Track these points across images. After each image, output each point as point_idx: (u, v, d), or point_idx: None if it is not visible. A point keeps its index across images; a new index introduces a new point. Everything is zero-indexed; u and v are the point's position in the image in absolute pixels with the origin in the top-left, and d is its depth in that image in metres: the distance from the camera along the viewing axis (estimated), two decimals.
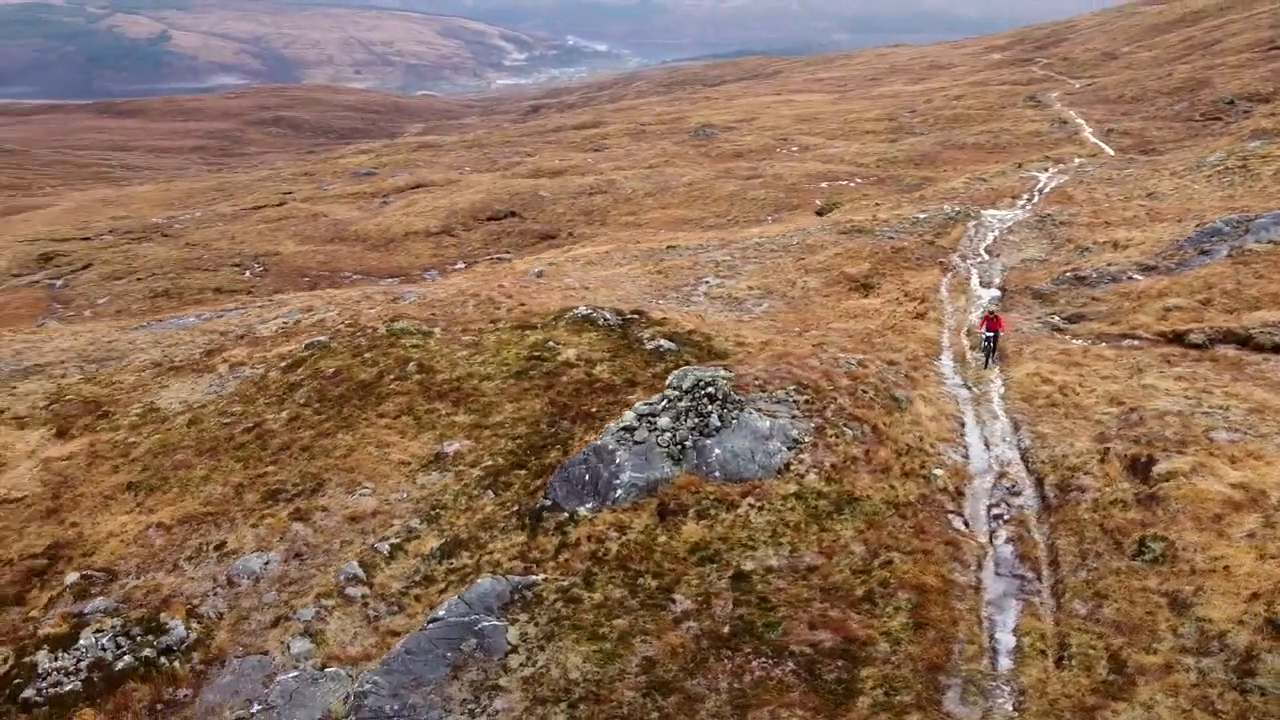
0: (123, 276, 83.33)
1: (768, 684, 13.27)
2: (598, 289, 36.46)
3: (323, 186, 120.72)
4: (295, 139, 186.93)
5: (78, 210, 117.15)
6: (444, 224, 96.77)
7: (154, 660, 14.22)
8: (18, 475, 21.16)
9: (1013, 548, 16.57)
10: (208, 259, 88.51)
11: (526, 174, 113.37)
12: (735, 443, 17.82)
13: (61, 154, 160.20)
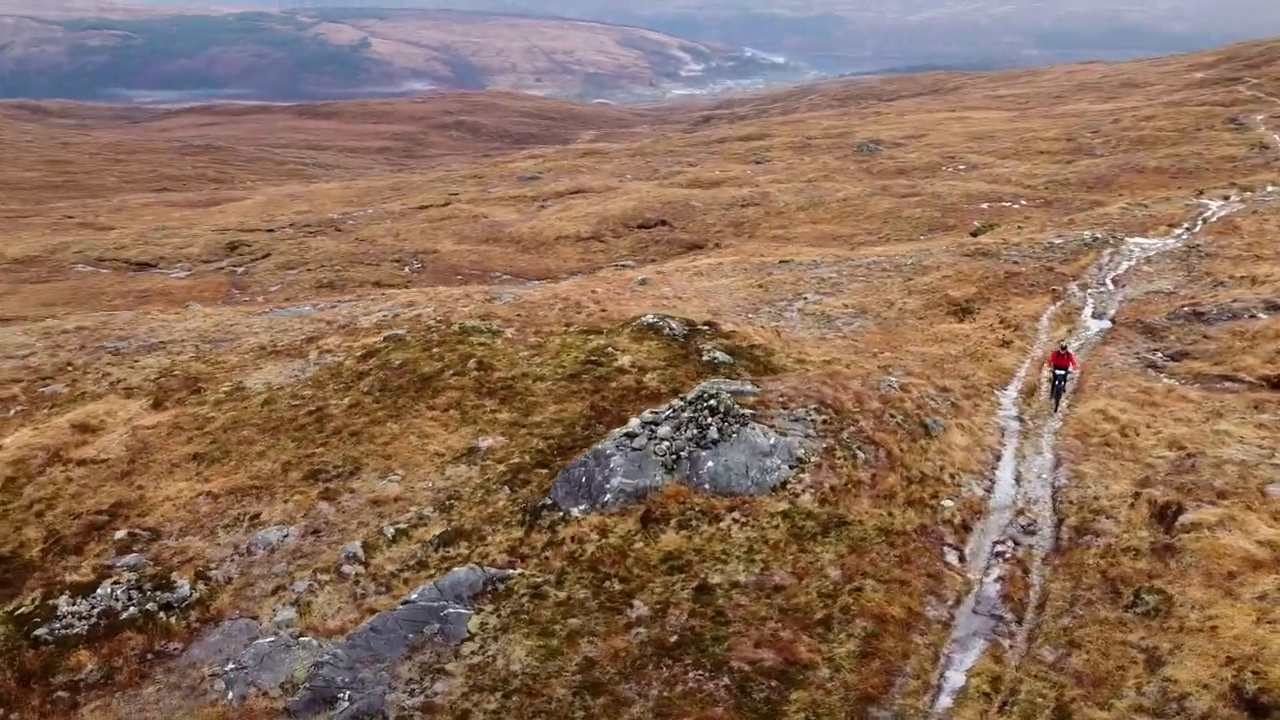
0: (295, 267, 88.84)
1: (696, 696, 13.38)
2: (690, 299, 36.78)
3: (487, 189, 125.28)
4: (473, 142, 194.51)
5: (268, 204, 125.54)
6: (594, 230, 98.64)
7: (154, 614, 15.58)
8: (110, 440, 23.31)
9: (1000, 587, 16.01)
10: (372, 254, 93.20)
11: (684, 184, 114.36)
12: (731, 457, 17.89)
13: (263, 151, 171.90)
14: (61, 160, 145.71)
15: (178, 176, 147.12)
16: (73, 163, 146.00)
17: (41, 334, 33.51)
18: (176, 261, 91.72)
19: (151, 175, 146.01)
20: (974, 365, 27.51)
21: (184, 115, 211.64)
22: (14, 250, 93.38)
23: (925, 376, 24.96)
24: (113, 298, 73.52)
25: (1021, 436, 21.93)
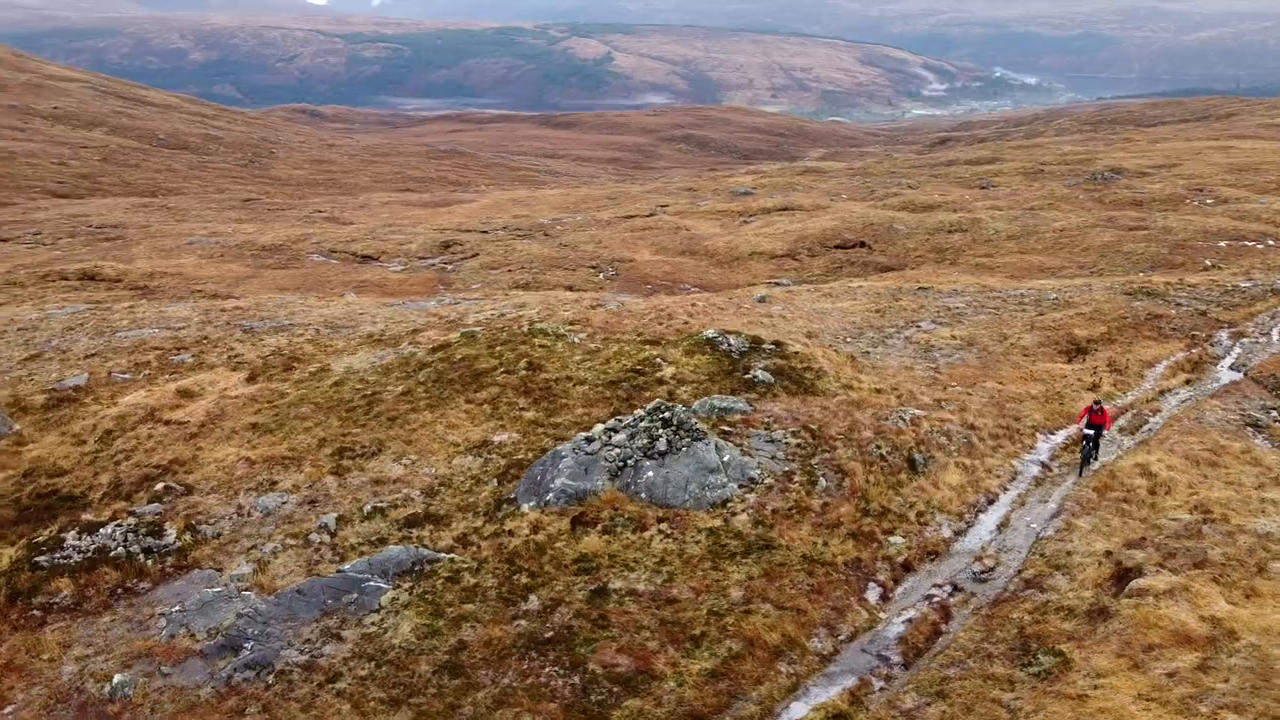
0: (498, 267, 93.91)
1: (539, 690, 13.95)
2: (794, 319, 36.59)
3: (697, 202, 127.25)
4: (700, 156, 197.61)
5: (491, 207, 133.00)
6: (790, 248, 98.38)
7: (135, 555, 17.74)
8: (198, 405, 26.27)
9: (904, 629, 15.52)
10: (571, 259, 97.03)
11: (895, 206, 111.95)
12: (674, 470, 18.17)
13: (501, 158, 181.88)
14: (325, 160, 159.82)
15: (421, 178, 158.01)
16: (334, 163, 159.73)
17: (202, 311, 37.77)
18: (395, 256, 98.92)
19: (398, 176, 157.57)
20: (1039, 407, 26.15)
21: (437, 122, 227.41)
22: (265, 239, 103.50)
23: (963, 413, 24.04)
24: (335, 285, 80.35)
25: (1035, 484, 20.83)
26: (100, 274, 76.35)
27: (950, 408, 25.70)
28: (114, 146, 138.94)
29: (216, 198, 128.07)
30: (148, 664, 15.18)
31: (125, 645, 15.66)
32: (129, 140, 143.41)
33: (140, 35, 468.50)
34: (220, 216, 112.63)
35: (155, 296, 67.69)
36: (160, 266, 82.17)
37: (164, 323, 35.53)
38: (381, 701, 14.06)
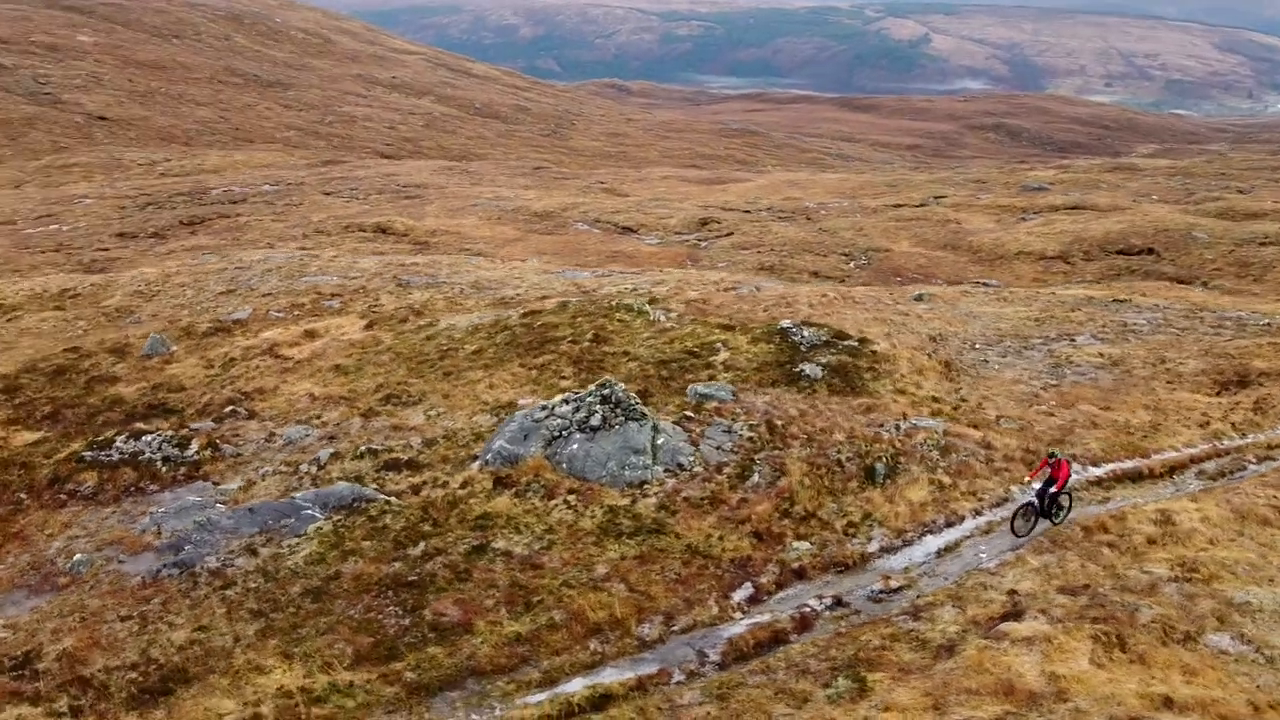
0: (748, 247, 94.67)
1: (366, 624, 15.27)
2: (929, 320, 34.92)
3: (979, 195, 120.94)
4: (1009, 147, 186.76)
5: (765, 188, 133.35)
6: (1064, 249, 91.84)
7: (154, 461, 20.80)
8: (310, 345, 29.62)
9: (743, 631, 15.28)
10: (824, 245, 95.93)
11: (1211, 212, 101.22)
12: (600, 446, 18.62)
13: (793, 139, 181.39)
14: (620, 134, 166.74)
15: (708, 155, 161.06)
16: (628, 136, 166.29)
17: (382, 265, 41.80)
18: (654, 230, 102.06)
19: (687, 153, 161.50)
20: (1112, 436, 23.83)
21: (737, 100, 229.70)
22: (539, 205, 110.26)
23: (988, 430, 22.50)
24: (590, 254, 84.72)
25: (1014, 513, 19.25)
26: (391, 228, 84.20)
27: (1007, 425, 24.08)
28: (437, 114, 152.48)
29: (512, 164, 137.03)
30: (112, 551, 18.01)
31: (107, 533, 18.61)
32: (450, 109, 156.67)
33: (479, 12, 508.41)
34: (510, 182, 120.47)
35: (430, 251, 74.52)
36: (444, 225, 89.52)
37: (346, 272, 39.74)
38: (249, 611, 15.95)
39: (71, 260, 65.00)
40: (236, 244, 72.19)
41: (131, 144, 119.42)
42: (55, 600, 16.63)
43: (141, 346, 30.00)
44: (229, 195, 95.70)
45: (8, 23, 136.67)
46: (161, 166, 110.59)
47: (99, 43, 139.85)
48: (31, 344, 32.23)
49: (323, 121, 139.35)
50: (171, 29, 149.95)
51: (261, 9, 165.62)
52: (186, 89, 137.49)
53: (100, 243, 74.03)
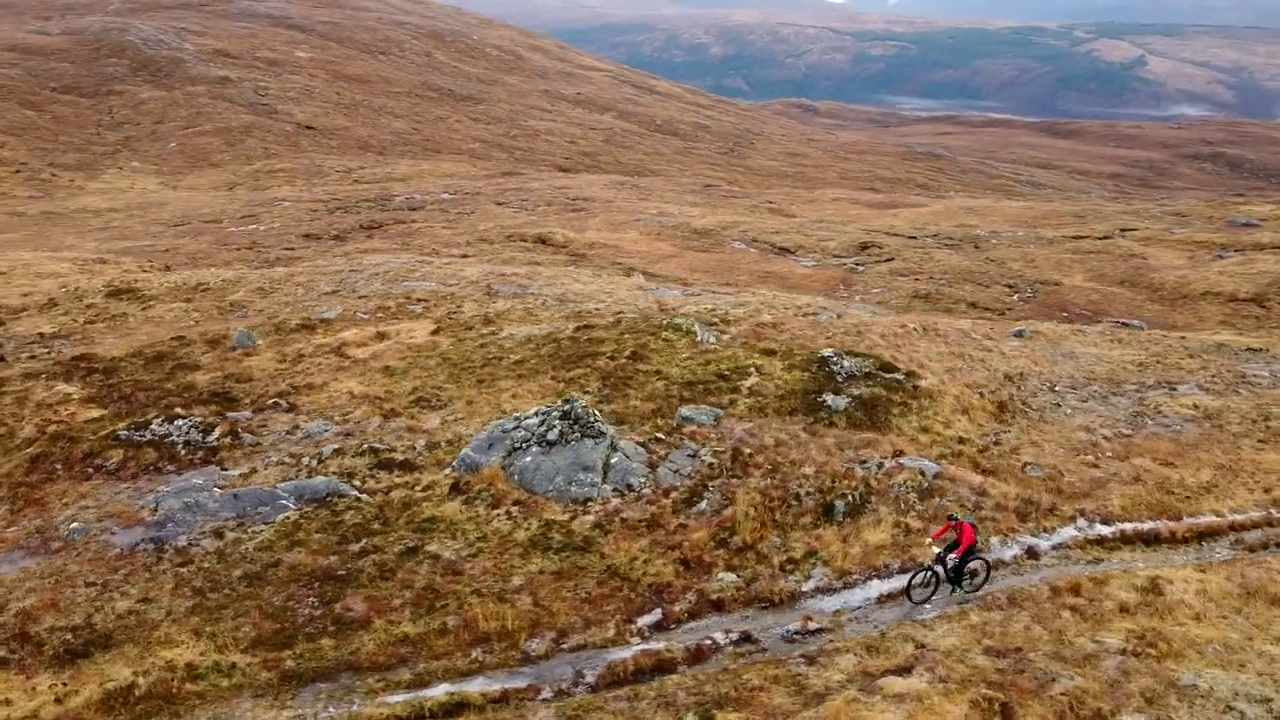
0: (906, 274, 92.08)
1: (280, 611, 16.11)
2: (1014, 359, 33.16)
3: (1174, 229, 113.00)
4: (1227, 178, 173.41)
5: (940, 213, 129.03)
6: (1259, 291, 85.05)
7: (176, 445, 22.51)
8: (374, 347, 31.19)
9: (628, 656, 15.13)
10: (989, 275, 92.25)
11: None
12: (552, 460, 18.81)
13: (983, 164, 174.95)
14: (799, 154, 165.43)
15: (888, 179, 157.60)
16: (807, 157, 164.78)
17: (483, 274, 43.33)
18: (812, 252, 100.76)
19: (866, 175, 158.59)
20: (1146, 494, 22.06)
21: (928, 123, 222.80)
22: (700, 223, 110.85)
23: (990, 477, 21.23)
24: (742, 273, 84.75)
25: (989, 566, 18.15)
26: (551, 239, 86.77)
27: (1034, 474, 22.74)
28: (617, 130, 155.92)
29: (683, 181, 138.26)
30: (110, 523, 19.68)
31: (112, 506, 20.34)
32: (630, 125, 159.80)
33: (671, 31, 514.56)
34: (678, 199, 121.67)
35: (583, 263, 76.76)
36: (603, 238, 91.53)
37: (446, 279, 41.47)
38: (192, 588, 17.14)
39: (260, 257, 70.36)
40: (404, 248, 76.19)
41: (332, 152, 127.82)
42: (44, 562, 18.37)
43: (234, 339, 32.39)
44: (409, 202, 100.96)
45: (238, 39, 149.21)
46: (356, 174, 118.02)
47: (314, 58, 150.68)
48: (149, 332, 35.33)
49: (508, 135, 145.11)
50: (379, 46, 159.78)
51: (462, 27, 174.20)
52: (386, 102, 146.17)
53: (287, 242, 79.81)
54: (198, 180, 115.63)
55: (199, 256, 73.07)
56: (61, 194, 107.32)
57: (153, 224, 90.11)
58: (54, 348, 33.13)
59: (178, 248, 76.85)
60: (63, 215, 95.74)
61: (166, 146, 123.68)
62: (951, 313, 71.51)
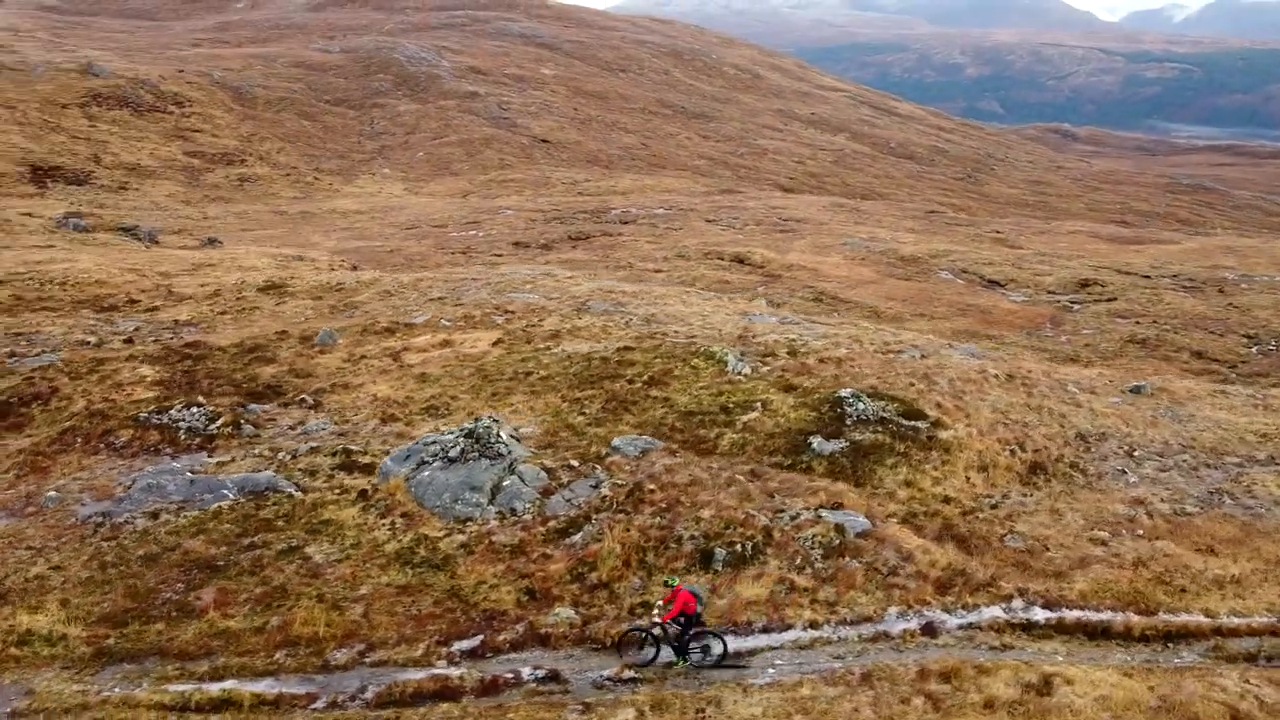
0: (1126, 316, 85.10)
1: (148, 593, 17.30)
2: (1105, 415, 30.00)
3: None
4: None
5: (1191, 252, 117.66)
6: None
7: (178, 430, 24.46)
8: (435, 353, 32.46)
9: (419, 678, 15.07)
10: (1227, 323, 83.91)
11: None
12: (445, 477, 18.96)
13: (1263, 199, 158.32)
14: (1043, 182, 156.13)
15: (1143, 212, 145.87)
16: (1052, 185, 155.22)
17: (591, 290, 43.89)
18: (1024, 287, 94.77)
19: (1116, 207, 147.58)
20: (1124, 581, 19.45)
21: (1204, 153, 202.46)
22: (909, 250, 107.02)
23: (922, 540, 19.32)
24: (941, 304, 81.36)
25: (866, 639, 16.64)
26: (749, 259, 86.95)
27: (1013, 544, 20.69)
28: (848, 151, 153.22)
29: (906, 206, 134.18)
30: (87, 495, 21.75)
31: (98, 480, 22.47)
32: (862, 146, 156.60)
33: (924, 51, 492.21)
34: (895, 223, 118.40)
35: (775, 284, 76.74)
36: (803, 260, 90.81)
37: (550, 293, 42.42)
38: (99, 562, 18.71)
39: (471, 262, 74.73)
40: (603, 261, 78.61)
41: (562, 164, 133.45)
42: (11, 524, 20.62)
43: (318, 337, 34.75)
44: (623, 216, 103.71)
45: (490, 56, 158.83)
46: (580, 186, 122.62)
47: (557, 75, 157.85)
48: (264, 325, 38.48)
49: (734, 153, 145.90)
50: (619, 64, 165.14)
51: (702, 46, 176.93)
52: (620, 117, 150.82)
53: (497, 249, 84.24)
54: (437, 187, 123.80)
55: (415, 258, 78.30)
56: (320, 196, 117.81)
57: (388, 226, 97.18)
58: (177, 334, 36.79)
59: (401, 249, 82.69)
60: (316, 215, 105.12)
61: (415, 155, 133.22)
62: (1170, 361, 65.70)
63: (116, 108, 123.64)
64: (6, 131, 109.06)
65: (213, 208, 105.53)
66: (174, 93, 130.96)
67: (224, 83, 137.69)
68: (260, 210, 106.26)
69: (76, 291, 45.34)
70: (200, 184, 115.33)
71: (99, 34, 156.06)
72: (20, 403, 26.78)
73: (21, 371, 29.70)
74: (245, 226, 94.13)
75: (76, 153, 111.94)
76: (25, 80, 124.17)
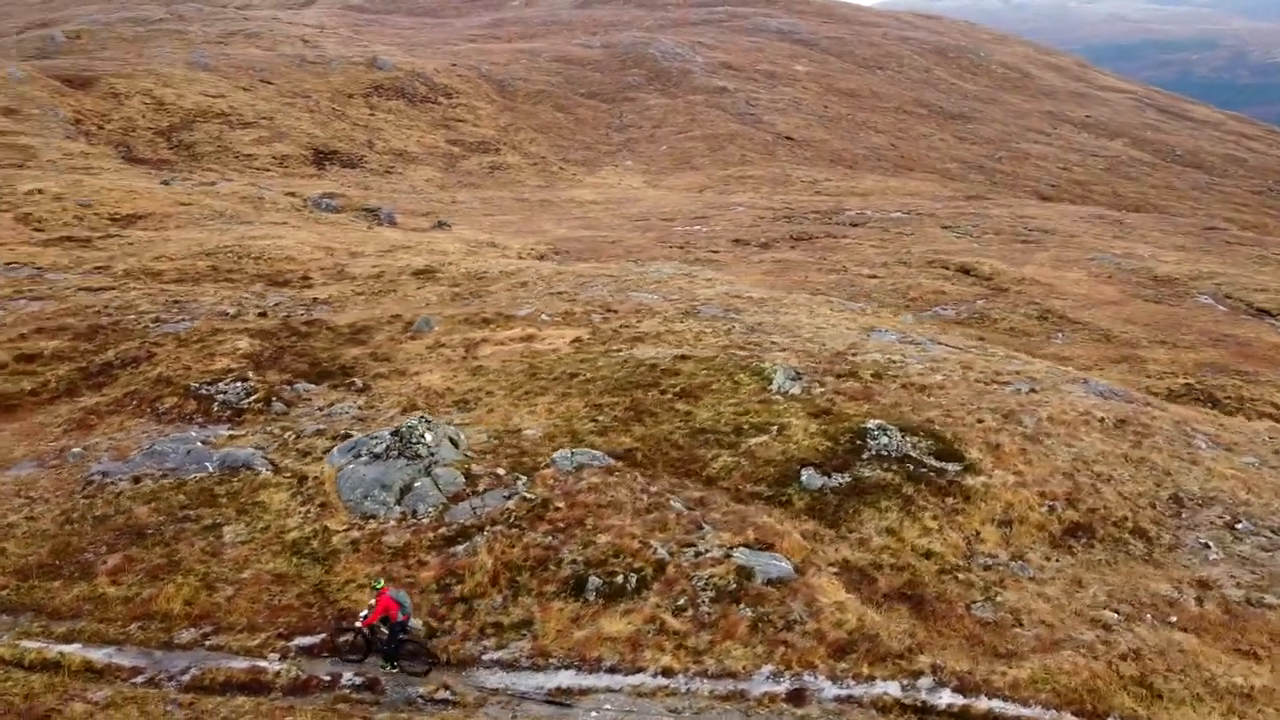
0: None
1: (73, 550, 18.58)
2: (1225, 475, 25.71)
3: None
4: None
5: None
6: None
7: (215, 401, 26.01)
8: (508, 348, 32.72)
9: (232, 665, 15.18)
10: None
11: None
12: (364, 473, 19.06)
13: None
14: None
15: None
16: None
17: (714, 294, 42.56)
18: None
19: None
20: (1091, 673, 16.54)
21: None
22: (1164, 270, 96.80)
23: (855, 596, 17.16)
24: (1190, 333, 73.47)
25: (715, 698, 15.07)
26: (975, 270, 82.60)
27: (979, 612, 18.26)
28: (1124, 158, 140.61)
29: (1180, 220, 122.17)
30: (107, 455, 23.62)
31: (123, 442, 24.36)
32: (1142, 153, 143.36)
33: (1238, 47, 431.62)
34: (1161, 240, 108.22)
35: (997, 299, 72.64)
36: (1038, 274, 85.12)
37: (669, 295, 41.62)
38: (68, 516, 20.34)
39: (689, 257, 75.36)
40: (817, 263, 76.79)
41: (804, 163, 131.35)
42: (32, 473, 22.79)
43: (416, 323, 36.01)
44: (855, 218, 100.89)
45: (743, 52, 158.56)
46: (819, 186, 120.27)
47: (810, 72, 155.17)
48: (387, 308, 40.06)
49: (991, 156, 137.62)
50: (877, 61, 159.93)
51: (970, 42, 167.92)
52: (870, 116, 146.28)
53: (715, 245, 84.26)
54: (675, 181, 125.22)
55: (633, 249, 79.57)
56: (562, 185, 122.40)
57: (618, 217, 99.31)
58: (309, 312, 39.23)
59: (622, 240, 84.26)
60: (554, 204, 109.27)
61: (658, 149, 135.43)
62: None
63: (394, 98, 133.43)
64: (299, 119, 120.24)
65: (462, 193, 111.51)
66: (445, 85, 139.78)
67: (490, 76, 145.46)
68: (504, 196, 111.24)
69: (264, 266, 49.35)
70: (456, 170, 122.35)
71: (389, 30, 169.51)
72: (120, 365, 29.52)
73: (146, 337, 32.72)
74: (486, 211, 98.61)
75: (354, 139, 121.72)
76: (322, 73, 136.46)
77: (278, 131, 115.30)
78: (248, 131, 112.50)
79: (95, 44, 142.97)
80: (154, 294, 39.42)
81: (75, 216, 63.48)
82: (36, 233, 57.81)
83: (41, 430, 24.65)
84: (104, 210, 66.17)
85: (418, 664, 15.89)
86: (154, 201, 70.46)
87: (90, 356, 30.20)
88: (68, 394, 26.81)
